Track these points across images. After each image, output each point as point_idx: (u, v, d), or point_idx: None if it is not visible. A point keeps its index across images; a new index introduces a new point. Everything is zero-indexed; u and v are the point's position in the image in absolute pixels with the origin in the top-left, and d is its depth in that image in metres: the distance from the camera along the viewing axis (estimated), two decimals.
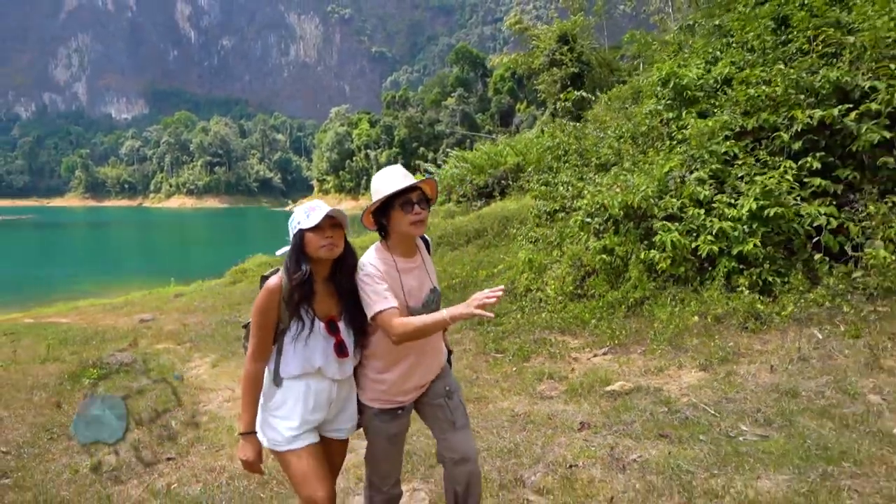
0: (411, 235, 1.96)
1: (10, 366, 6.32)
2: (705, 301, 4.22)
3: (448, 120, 68.94)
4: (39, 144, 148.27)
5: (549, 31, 23.50)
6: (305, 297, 1.84)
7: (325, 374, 1.90)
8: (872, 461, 2.25)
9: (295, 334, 1.85)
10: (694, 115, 5.71)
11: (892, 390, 2.76)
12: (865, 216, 4.25)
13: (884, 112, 4.41)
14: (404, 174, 1.95)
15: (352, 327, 1.94)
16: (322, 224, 1.81)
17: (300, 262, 1.83)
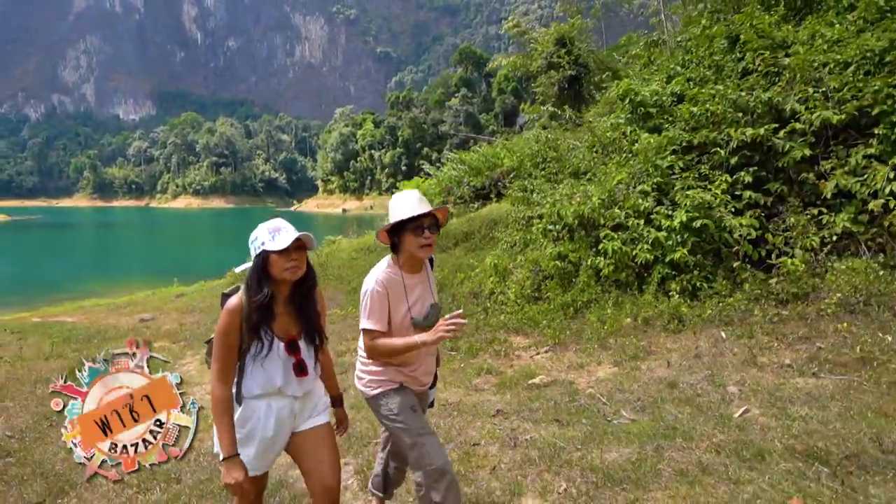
0: (419, 257, 2.11)
1: (16, 362, 6.83)
2: (640, 304, 4.64)
3: (452, 120, 69.08)
4: (48, 145, 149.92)
5: (546, 35, 23.83)
6: (265, 319, 1.85)
7: (286, 392, 1.92)
8: (701, 438, 2.68)
9: (254, 354, 1.86)
10: (646, 129, 6.13)
11: (752, 383, 3.17)
12: (787, 227, 4.66)
13: (808, 131, 4.82)
14: (419, 199, 2.11)
15: (311, 344, 1.97)
16: (288, 246, 1.81)
17: (261, 283, 1.84)
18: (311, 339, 1.97)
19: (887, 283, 3.72)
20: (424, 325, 2.12)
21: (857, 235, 4.29)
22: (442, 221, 2.16)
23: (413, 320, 2.13)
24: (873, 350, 3.12)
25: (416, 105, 76.83)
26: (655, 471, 2.40)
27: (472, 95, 69.90)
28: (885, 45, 4.61)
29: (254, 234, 1.90)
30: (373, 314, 2.07)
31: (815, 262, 4.32)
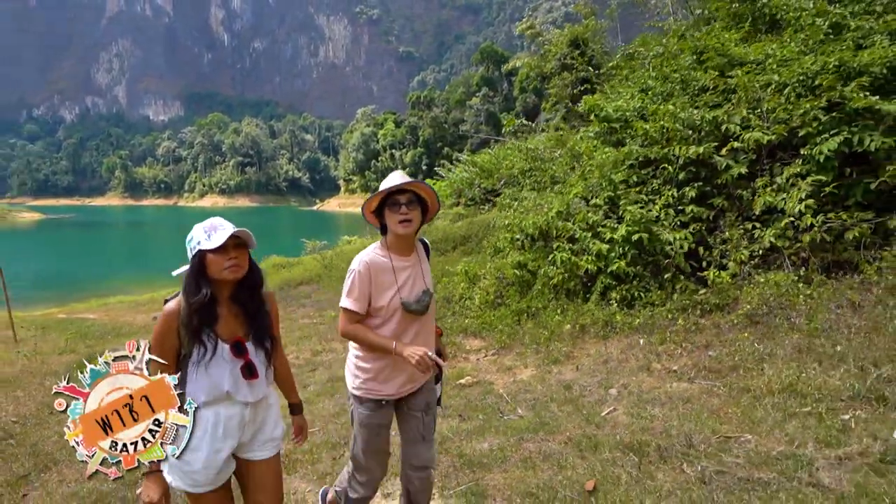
0: (398, 234, 2.05)
1: (33, 356, 7.51)
2: (581, 312, 4.98)
3: (472, 120, 69.04)
4: (82, 146, 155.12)
5: (560, 36, 23.98)
6: (206, 321, 1.79)
7: (236, 397, 1.84)
8: (561, 432, 3.04)
9: (197, 360, 1.79)
10: (610, 144, 6.45)
11: (634, 386, 3.50)
12: (724, 240, 4.96)
13: (747, 149, 5.09)
14: (400, 175, 2.08)
15: (261, 347, 1.89)
16: (226, 244, 1.76)
17: (199, 284, 1.77)
18: (259, 342, 1.89)
19: (794, 294, 4.00)
20: (416, 310, 2.08)
21: (783, 250, 4.56)
22: (428, 199, 2.10)
23: (403, 302, 2.07)
24: (746, 358, 3.43)
25: (437, 105, 76.93)
26: (505, 457, 2.79)
27: (493, 94, 69.76)
28: (818, 69, 4.86)
29: (190, 234, 1.84)
30: (352, 293, 2.05)
31: (742, 275, 4.61)
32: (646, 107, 6.40)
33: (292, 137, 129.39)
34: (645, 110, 6.34)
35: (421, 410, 2.23)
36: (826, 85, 4.60)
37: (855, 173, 4.52)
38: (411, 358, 1.92)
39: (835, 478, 2.13)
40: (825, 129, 4.51)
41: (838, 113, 4.50)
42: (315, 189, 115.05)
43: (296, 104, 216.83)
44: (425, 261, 2.24)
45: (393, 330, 2.10)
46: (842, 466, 2.18)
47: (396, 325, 2.10)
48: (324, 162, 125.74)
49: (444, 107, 75.90)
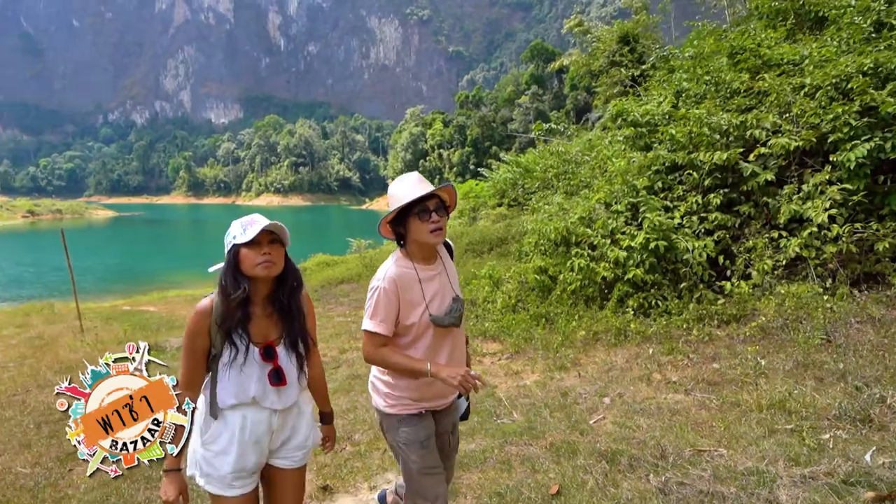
0: (430, 244, 1.90)
1: (95, 345, 8.21)
2: (596, 318, 4.98)
3: (521, 118, 68.42)
4: (151, 148, 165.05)
5: (609, 33, 23.48)
6: (239, 321, 1.75)
7: (262, 403, 1.79)
8: (545, 437, 3.08)
9: (228, 361, 1.75)
10: (638, 149, 6.37)
11: (629, 396, 3.47)
12: (748, 249, 4.82)
13: (777, 155, 4.93)
14: (419, 180, 1.91)
15: (293, 351, 1.83)
16: (259, 239, 1.72)
17: (237, 279, 1.74)
18: (292, 346, 1.83)
19: (814, 308, 3.87)
20: (447, 323, 1.92)
21: (809, 260, 4.40)
22: (450, 202, 1.95)
23: (432, 318, 1.90)
24: (748, 372, 3.35)
25: (485, 104, 76.61)
26: (486, 458, 2.89)
27: (542, 92, 68.72)
28: (852, 71, 4.64)
29: (228, 231, 1.81)
30: (377, 314, 1.88)
31: (764, 285, 4.48)
32: (674, 111, 6.28)
33: (343, 138, 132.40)
34: (673, 114, 6.22)
35: (448, 432, 2.13)
36: (857, 89, 4.39)
37: (889, 181, 4.30)
38: (452, 380, 1.77)
39: (792, 496, 2.10)
40: (856, 136, 4.32)
41: (871, 118, 4.29)
42: (365, 188, 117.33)
43: (347, 105, 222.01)
44: (450, 264, 2.07)
45: (425, 348, 1.93)
46: (804, 485, 2.15)
47: (429, 342, 1.94)
48: (373, 162, 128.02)
49: (493, 106, 75.53)
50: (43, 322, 11.84)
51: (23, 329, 11.05)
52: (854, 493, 2.07)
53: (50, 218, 68.67)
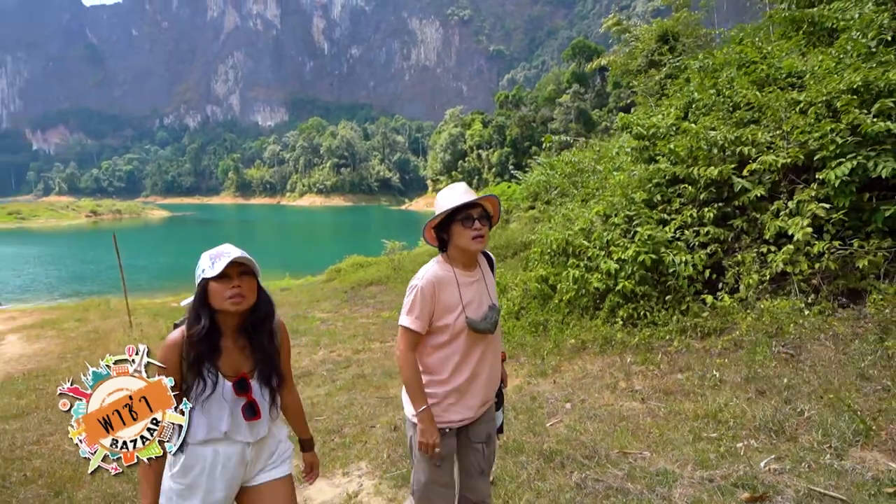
0: (471, 251, 1.96)
1: (140, 340, 9.01)
2: (587, 328, 5.20)
3: (562, 118, 67.63)
4: (202, 150, 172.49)
5: (648, 31, 23.13)
6: (206, 355, 1.72)
7: (234, 437, 1.77)
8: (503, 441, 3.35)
9: (195, 396, 1.72)
10: (643, 160, 6.52)
11: (591, 401, 3.68)
12: (737, 263, 4.95)
13: (770, 171, 5.02)
14: (466, 190, 1.98)
15: (266, 385, 1.81)
16: (228, 272, 1.67)
17: (200, 315, 1.71)
18: (265, 378, 1.80)
19: (787, 323, 3.99)
20: (484, 328, 1.97)
21: (792, 276, 4.50)
22: (493, 212, 2.03)
23: (469, 321, 1.96)
24: (702, 384, 3.53)
25: (525, 104, 75.91)
26: None
27: (584, 91, 67.60)
28: (843, 88, 4.69)
29: (198, 263, 1.76)
30: (413, 310, 1.94)
31: (749, 299, 4.61)
32: (678, 123, 6.40)
33: (384, 139, 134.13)
34: (677, 127, 6.35)
35: (482, 442, 2.11)
36: (842, 107, 4.47)
37: (875, 199, 4.36)
38: (420, 436, 1.89)
39: (683, 494, 2.34)
40: (842, 153, 4.40)
41: (856, 136, 4.36)
42: (405, 189, 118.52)
43: (388, 106, 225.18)
44: (489, 274, 2.15)
45: (459, 351, 1.98)
46: (698, 486, 2.37)
47: (463, 344, 1.99)
48: (413, 162, 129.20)
49: (533, 105, 74.83)
50: (99, 317, 12.93)
51: (81, 323, 12.13)
52: (735, 493, 2.30)
53: (110, 218, 73.10)
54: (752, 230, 5.15)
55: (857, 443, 2.45)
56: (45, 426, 4.63)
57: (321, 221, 77.52)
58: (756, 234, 5.08)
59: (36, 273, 27.51)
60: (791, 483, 2.28)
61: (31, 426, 4.63)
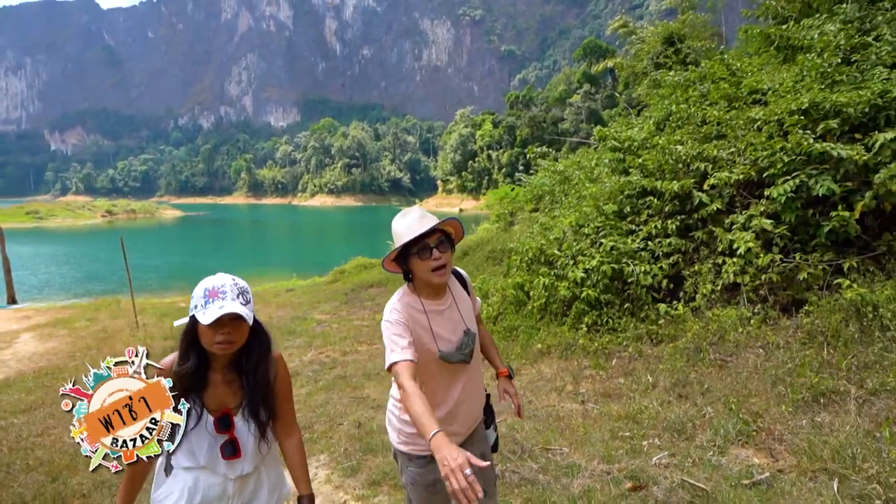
0: (433, 283, 1.84)
1: (145, 339, 9.46)
2: (555, 333, 5.50)
3: (573, 118, 67.46)
4: (216, 150, 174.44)
5: (654, 34, 23.23)
6: (193, 387, 1.70)
7: (215, 471, 1.74)
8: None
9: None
10: (618, 172, 6.81)
11: (536, 404, 3.99)
12: (694, 273, 5.22)
13: (729, 185, 5.29)
14: (420, 216, 1.83)
15: (254, 420, 1.75)
16: (221, 319, 1.60)
17: (188, 352, 1.69)
18: (252, 414, 1.75)
19: (729, 331, 4.27)
20: (457, 360, 1.87)
21: (742, 286, 4.77)
22: (455, 235, 1.89)
23: (441, 354, 1.85)
24: (637, 388, 3.81)
25: (535, 104, 75.70)
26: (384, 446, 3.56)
27: (595, 91, 67.40)
28: (794, 108, 4.94)
29: (195, 289, 1.71)
30: (394, 344, 1.77)
31: (702, 308, 4.89)
32: (650, 137, 6.68)
33: (395, 139, 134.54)
34: (649, 141, 6.63)
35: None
36: (787, 127, 4.73)
37: (818, 215, 4.62)
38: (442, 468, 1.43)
39: (581, 484, 2.63)
40: (788, 171, 4.66)
41: (802, 156, 4.62)
42: (415, 189, 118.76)
43: (400, 107, 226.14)
44: (462, 296, 2.01)
45: (440, 385, 1.89)
46: (596, 478, 2.67)
47: (440, 378, 1.89)
48: (424, 162, 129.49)
49: (543, 106, 74.70)
50: (109, 317, 13.44)
51: (92, 322, 12.64)
52: (622, 483, 2.60)
53: (125, 217, 74.45)
54: (711, 242, 5.42)
55: (739, 441, 2.75)
56: (49, 420, 5.04)
57: (331, 221, 78.17)
58: (714, 246, 5.35)
59: (51, 272, 28.30)
60: (671, 475, 2.59)
61: (37, 420, 5.05)
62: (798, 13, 7.44)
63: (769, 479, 2.40)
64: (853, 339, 3.50)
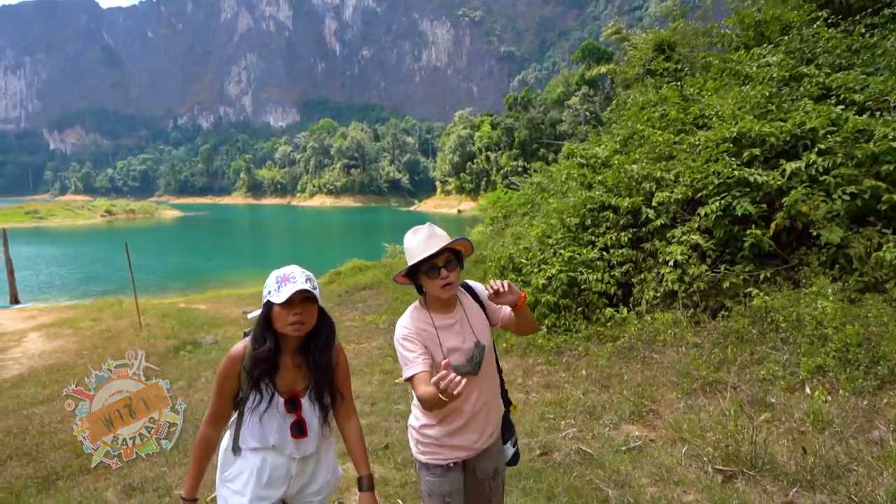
0: (443, 298, 1.94)
1: (148, 339, 10.09)
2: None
3: (571, 120, 67.98)
4: (215, 151, 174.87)
5: (645, 41, 23.82)
6: (267, 371, 1.81)
7: (282, 451, 1.85)
8: (395, 417, 4.28)
9: (252, 406, 1.82)
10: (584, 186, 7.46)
11: None
12: (641, 281, 5.87)
13: (669, 202, 5.93)
14: (429, 236, 1.91)
15: (318, 402, 1.88)
16: (293, 298, 1.73)
17: (265, 336, 1.80)
18: (317, 397, 1.88)
19: (662, 332, 4.91)
20: (465, 372, 1.90)
21: (678, 293, 5.42)
22: (465, 253, 2.01)
23: (455, 366, 1.89)
24: (571, 381, 4.45)
25: (534, 105, 76.12)
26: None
27: (593, 93, 67.99)
28: (725, 136, 5.59)
29: (266, 280, 1.83)
30: (406, 360, 1.90)
31: (644, 313, 5.54)
32: (612, 156, 7.34)
33: (394, 140, 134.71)
34: (611, 159, 7.28)
35: (489, 477, 2.10)
36: (716, 154, 5.38)
37: (743, 231, 5.26)
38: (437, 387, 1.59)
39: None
40: (717, 193, 5.32)
41: (728, 179, 5.27)
42: (414, 189, 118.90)
43: (399, 107, 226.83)
44: (473, 308, 2.09)
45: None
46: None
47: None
48: (423, 163, 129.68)
49: (542, 107, 75.16)
50: (112, 317, 14.01)
51: (96, 322, 13.23)
52: (535, 450, 3.24)
53: (124, 217, 74.93)
54: (656, 253, 6.07)
55: (631, 420, 3.39)
56: (65, 411, 5.67)
57: (330, 222, 78.55)
58: (659, 257, 6.00)
59: (52, 273, 28.80)
60: (571, 445, 3.24)
61: (55, 410, 5.68)
62: (751, 41, 8.10)
63: (641, 446, 3.05)
64: (753, 339, 4.15)
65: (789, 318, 4.11)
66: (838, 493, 2.39)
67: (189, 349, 9.15)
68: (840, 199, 4.70)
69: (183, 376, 7.02)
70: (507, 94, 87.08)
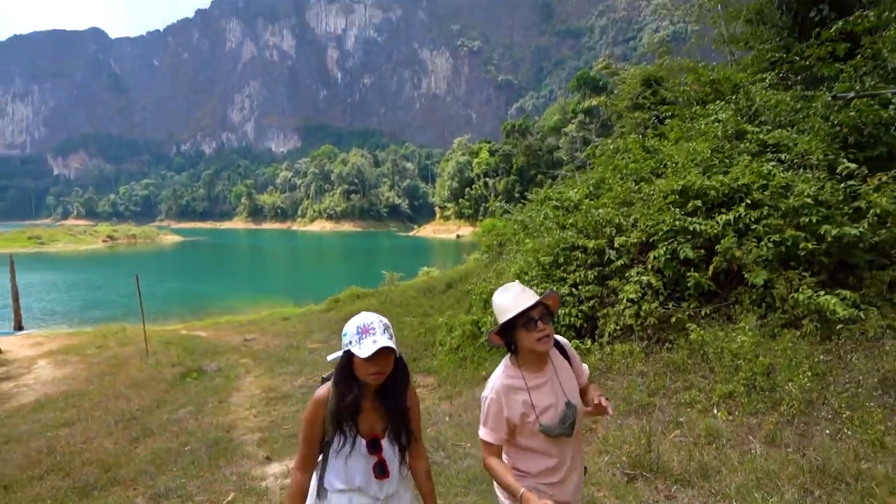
0: (539, 352, 1.97)
1: (156, 366, 10.71)
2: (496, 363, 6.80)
3: (568, 147, 69.40)
4: (217, 176, 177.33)
5: (633, 76, 25.04)
6: (351, 414, 1.87)
7: (367, 492, 1.91)
8: None
9: (337, 449, 1.88)
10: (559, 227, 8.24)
11: (465, 417, 5.25)
12: (604, 315, 6.57)
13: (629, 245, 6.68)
14: (521, 291, 1.97)
15: (397, 443, 1.94)
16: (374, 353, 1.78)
17: (350, 384, 1.87)
18: (396, 438, 1.94)
19: (618, 361, 5.60)
20: (557, 433, 1.94)
21: (634, 327, 6.12)
22: (553, 307, 2.05)
23: (543, 427, 1.94)
24: None
25: (531, 132, 77.70)
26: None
27: (589, 121, 69.59)
28: (673, 188, 6.38)
29: (346, 327, 1.89)
30: (487, 423, 1.99)
31: (603, 344, 6.23)
32: (582, 200, 8.13)
33: (394, 166, 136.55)
34: (582, 203, 8.07)
35: None
36: (665, 205, 6.16)
37: (689, 272, 6.00)
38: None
39: (467, 464, 3.93)
40: (665, 238, 6.07)
41: (674, 227, 6.03)
42: (413, 215, 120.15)
43: (399, 133, 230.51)
44: (564, 366, 2.11)
45: (538, 456, 1.99)
46: (477, 460, 3.96)
47: (541, 450, 1.99)
48: (422, 189, 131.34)
49: (539, 134, 76.69)
50: (117, 344, 14.55)
51: (101, 350, 13.77)
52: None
53: (126, 242, 75.70)
54: (617, 290, 6.80)
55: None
56: (88, 433, 6.32)
57: (330, 247, 79.18)
58: (619, 294, 6.72)
59: (54, 299, 29.28)
60: None
61: (78, 433, 6.31)
62: (708, 96, 8.99)
63: None
64: (688, 368, 4.83)
65: (717, 350, 4.80)
66: (704, 489, 3.05)
67: (195, 376, 9.75)
68: (766, 246, 5.45)
69: (191, 402, 7.64)
70: (504, 122, 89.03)
